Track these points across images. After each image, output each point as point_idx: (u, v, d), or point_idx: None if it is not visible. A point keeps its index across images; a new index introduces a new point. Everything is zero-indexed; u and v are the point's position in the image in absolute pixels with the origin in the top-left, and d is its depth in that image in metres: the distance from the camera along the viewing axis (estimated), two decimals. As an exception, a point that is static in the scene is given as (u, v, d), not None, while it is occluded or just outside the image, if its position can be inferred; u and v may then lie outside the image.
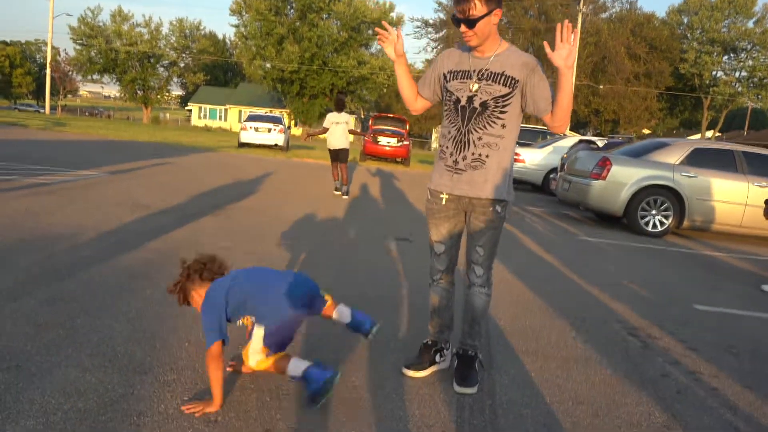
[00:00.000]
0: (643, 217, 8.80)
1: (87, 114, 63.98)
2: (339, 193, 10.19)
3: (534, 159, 14.66)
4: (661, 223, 8.78)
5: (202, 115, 62.99)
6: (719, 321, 4.41)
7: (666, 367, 3.32)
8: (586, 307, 4.39)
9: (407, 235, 6.72)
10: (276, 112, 59.69)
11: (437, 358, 2.87)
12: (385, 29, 2.67)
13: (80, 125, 26.42)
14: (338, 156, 10.03)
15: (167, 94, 64.74)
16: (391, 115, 24.03)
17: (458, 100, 2.61)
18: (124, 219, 5.86)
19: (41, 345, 2.71)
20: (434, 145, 60.85)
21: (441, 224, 2.76)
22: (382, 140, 21.27)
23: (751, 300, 5.21)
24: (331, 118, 9.90)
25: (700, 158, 8.86)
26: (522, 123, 2.83)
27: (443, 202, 2.71)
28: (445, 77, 2.67)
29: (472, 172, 2.63)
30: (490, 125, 2.60)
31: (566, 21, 2.44)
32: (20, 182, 7.68)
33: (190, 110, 66.26)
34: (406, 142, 21.46)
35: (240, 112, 61.18)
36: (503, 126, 2.62)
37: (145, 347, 2.82)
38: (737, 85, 52.05)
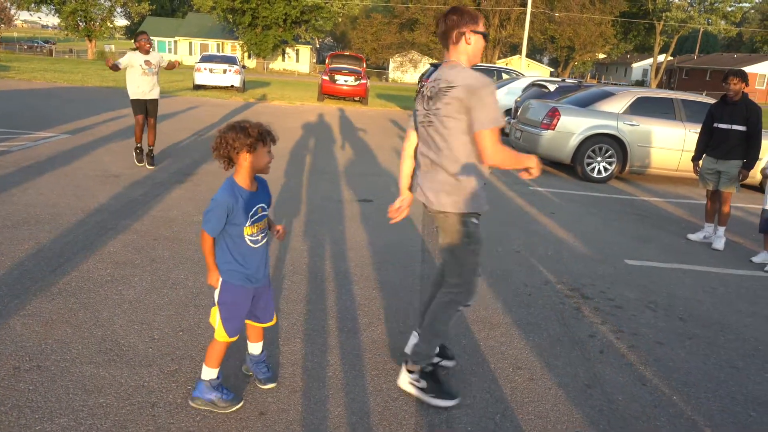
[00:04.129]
0: (589, 164, 9.39)
1: (26, 48, 60.51)
2: (143, 164, 7.69)
3: (489, 100, 15.01)
4: (606, 170, 9.40)
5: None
6: (645, 276, 5.04)
7: (593, 328, 3.91)
8: (530, 270, 4.94)
9: (369, 195, 7.13)
10: (228, 44, 57.87)
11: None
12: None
13: (25, 68, 25.38)
14: (148, 108, 7.60)
15: (111, 25, 61.62)
16: (348, 53, 23.80)
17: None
18: (97, 194, 6.09)
19: (53, 343, 3.09)
20: (392, 75, 60.20)
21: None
22: (340, 79, 21.20)
23: (676, 251, 5.87)
24: (135, 59, 7.38)
25: (642, 107, 9.41)
26: (479, 63, 3.19)
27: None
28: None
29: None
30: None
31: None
32: (-18, 151, 7.72)
33: (137, 43, 63.49)
34: (363, 81, 21.46)
35: (190, 44, 59.02)
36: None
37: (144, 339, 3.23)
38: (689, 10, 52.60)
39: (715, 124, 5.95)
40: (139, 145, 7.71)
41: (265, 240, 2.65)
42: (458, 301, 2.85)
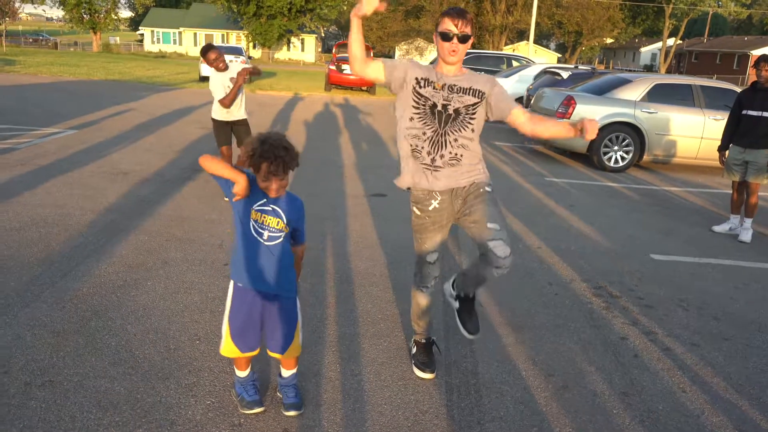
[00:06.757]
0: (605, 154, 9.18)
1: (31, 41, 60.32)
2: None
3: (500, 88, 14.76)
4: (623, 159, 9.19)
5: (155, 39, 60.26)
6: (673, 272, 4.86)
7: (625, 329, 3.75)
8: (554, 267, 4.78)
9: (382, 190, 6.96)
10: (233, 35, 57.51)
11: (434, 349, 3.21)
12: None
13: (30, 62, 25.24)
14: (237, 133, 6.08)
15: (115, 17, 61.34)
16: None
17: (434, 105, 2.78)
18: (107, 193, 5.95)
19: (66, 355, 2.96)
20: (398, 63, 59.66)
21: (435, 235, 2.90)
22: (347, 69, 20.95)
23: (702, 245, 5.68)
24: (217, 82, 5.82)
25: (660, 94, 9.17)
26: (478, 49, 3.03)
27: (430, 208, 2.83)
28: (418, 82, 2.79)
29: (449, 169, 2.81)
30: (463, 129, 2.81)
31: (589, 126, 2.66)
32: (-11, 149, 7.60)
33: (142, 34, 63.31)
34: (371, 70, 21.18)
35: (195, 34, 58.73)
36: (472, 130, 2.84)
37: (160, 349, 3.09)
38: (699, -8, 51.87)
39: (744, 111, 5.74)
40: None
41: (275, 243, 2.44)
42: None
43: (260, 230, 2.43)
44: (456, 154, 2.81)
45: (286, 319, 2.54)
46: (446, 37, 2.69)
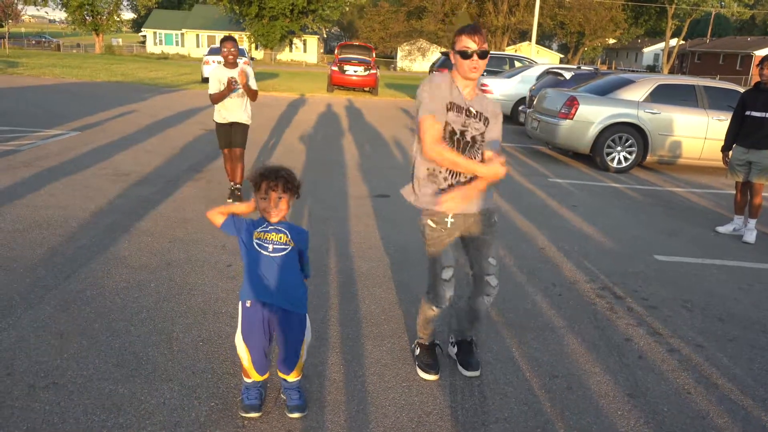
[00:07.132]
0: (608, 154, 9.16)
1: (34, 43, 60.51)
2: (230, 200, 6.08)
3: (502, 89, 14.77)
4: (626, 159, 9.17)
5: (157, 41, 60.36)
6: (677, 272, 4.85)
7: (629, 331, 3.74)
8: (558, 268, 4.77)
9: (385, 191, 6.96)
10: (235, 36, 57.52)
11: (437, 351, 3.21)
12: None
13: (33, 64, 25.31)
14: (232, 135, 6.03)
15: (118, 18, 61.44)
16: (357, 43, 23.54)
17: (454, 132, 2.80)
18: (109, 194, 5.96)
19: (69, 357, 2.96)
20: (400, 64, 59.74)
21: (449, 249, 2.91)
22: (349, 69, 20.97)
23: (706, 245, 5.66)
24: (218, 76, 5.85)
25: (663, 94, 9.15)
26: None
27: (449, 225, 2.87)
28: (446, 107, 2.80)
29: None
30: (477, 155, 2.86)
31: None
32: (-8, 151, 7.61)
33: (144, 36, 63.42)
34: (373, 71, 21.21)
35: (197, 36, 58.81)
36: (482, 154, 2.88)
37: (164, 351, 3.09)
38: (701, -8, 51.81)
39: (748, 112, 5.72)
40: (234, 185, 6.12)
41: (280, 255, 2.44)
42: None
43: (264, 245, 2.45)
44: (471, 179, 2.83)
45: (294, 337, 2.54)
46: (465, 55, 2.71)
